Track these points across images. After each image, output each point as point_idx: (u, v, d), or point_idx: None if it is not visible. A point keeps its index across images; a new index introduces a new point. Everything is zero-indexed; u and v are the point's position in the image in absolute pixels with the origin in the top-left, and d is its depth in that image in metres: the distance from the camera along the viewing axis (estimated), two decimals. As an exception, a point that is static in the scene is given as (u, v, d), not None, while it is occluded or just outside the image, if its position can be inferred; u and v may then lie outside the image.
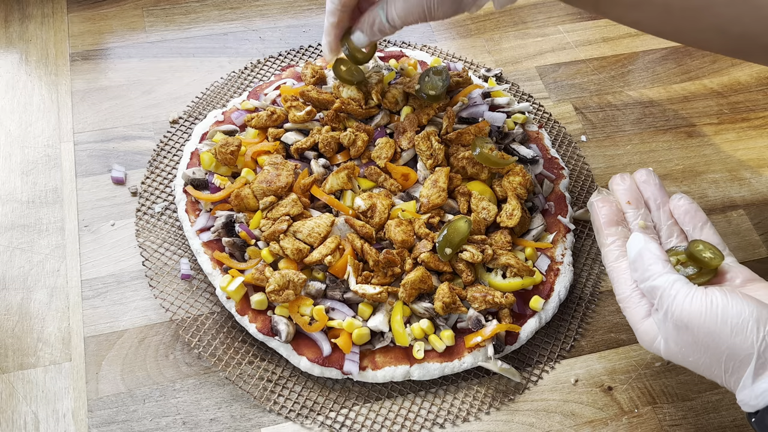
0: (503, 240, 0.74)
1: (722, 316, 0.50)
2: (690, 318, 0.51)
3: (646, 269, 0.55)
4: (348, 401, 0.68)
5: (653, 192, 0.64)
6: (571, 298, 0.76)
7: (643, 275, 0.55)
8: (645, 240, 0.56)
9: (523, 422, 0.68)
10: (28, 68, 0.90)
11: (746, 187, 0.87)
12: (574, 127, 0.91)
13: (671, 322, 0.52)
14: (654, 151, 0.90)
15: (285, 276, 0.68)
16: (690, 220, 0.62)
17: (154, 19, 0.97)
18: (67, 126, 0.85)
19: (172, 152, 0.84)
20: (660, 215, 0.63)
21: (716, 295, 0.51)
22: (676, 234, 0.63)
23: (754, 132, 0.93)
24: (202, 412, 0.66)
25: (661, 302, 0.53)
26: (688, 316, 0.51)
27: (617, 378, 0.71)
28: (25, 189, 0.80)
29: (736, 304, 0.50)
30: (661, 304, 0.53)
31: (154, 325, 0.71)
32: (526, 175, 0.78)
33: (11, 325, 0.70)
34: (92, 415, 0.66)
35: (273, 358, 0.70)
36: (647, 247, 0.55)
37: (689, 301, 0.51)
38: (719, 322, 0.50)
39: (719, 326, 0.50)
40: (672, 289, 0.52)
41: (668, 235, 0.63)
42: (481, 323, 0.69)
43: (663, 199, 0.64)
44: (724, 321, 0.49)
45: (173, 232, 0.77)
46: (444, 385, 0.70)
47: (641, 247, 0.56)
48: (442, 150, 0.78)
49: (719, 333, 0.50)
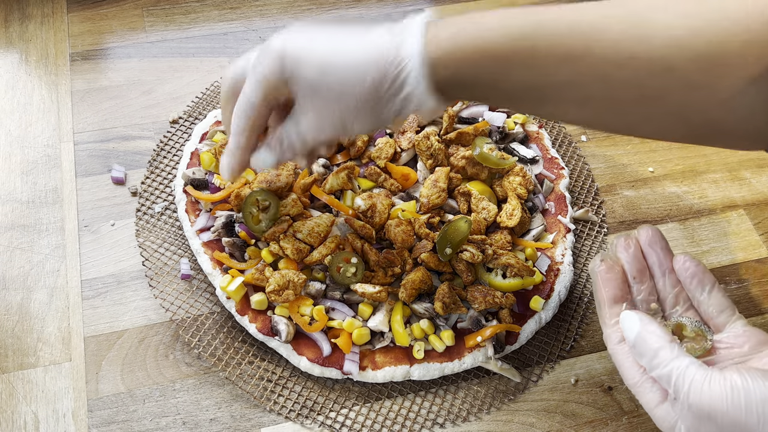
0: (503, 240, 0.74)
1: (746, 404, 0.46)
2: (711, 408, 0.47)
3: (654, 356, 0.50)
4: (348, 401, 0.68)
5: (659, 257, 0.58)
6: (571, 298, 0.76)
7: (652, 362, 0.50)
8: (641, 320, 0.52)
9: (523, 422, 0.68)
10: (28, 68, 0.90)
11: (746, 187, 0.87)
12: (574, 127, 0.91)
13: (691, 412, 0.48)
14: (654, 151, 0.90)
15: (285, 276, 0.68)
16: (697, 285, 0.57)
17: (154, 19, 0.97)
18: (67, 126, 0.85)
19: (172, 152, 0.84)
20: (665, 282, 0.58)
21: (735, 378, 0.47)
22: (682, 301, 0.58)
23: (754, 132, 0.93)
24: (202, 412, 0.66)
25: (677, 390, 0.49)
26: (709, 406, 0.47)
27: (617, 378, 0.71)
28: (25, 189, 0.80)
29: (757, 388, 0.46)
30: (678, 392, 0.49)
31: (154, 325, 0.71)
32: (526, 175, 0.78)
33: (11, 325, 0.70)
34: (92, 415, 0.66)
35: (273, 358, 0.70)
36: (647, 329, 0.51)
37: (708, 389, 0.47)
38: (744, 412, 0.46)
39: (744, 416, 0.46)
40: (686, 376, 0.48)
41: (673, 304, 0.58)
42: (481, 323, 0.69)
43: (668, 264, 0.58)
44: (749, 410, 0.46)
45: (173, 232, 0.77)
46: (444, 385, 0.70)
47: (639, 329, 0.51)
48: (442, 150, 0.78)
49: (745, 423, 0.46)
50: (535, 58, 0.47)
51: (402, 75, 0.50)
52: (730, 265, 0.80)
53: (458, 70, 0.49)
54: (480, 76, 0.49)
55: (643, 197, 0.85)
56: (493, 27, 0.48)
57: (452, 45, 0.49)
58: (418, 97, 0.50)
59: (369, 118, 0.53)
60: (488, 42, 0.48)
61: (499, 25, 0.48)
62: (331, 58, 0.51)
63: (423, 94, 0.50)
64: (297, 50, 0.51)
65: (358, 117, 0.53)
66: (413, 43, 0.49)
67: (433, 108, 0.51)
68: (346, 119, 0.53)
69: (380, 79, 0.50)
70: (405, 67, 0.49)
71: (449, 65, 0.49)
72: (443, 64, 0.49)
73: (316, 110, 0.53)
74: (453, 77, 0.49)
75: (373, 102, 0.51)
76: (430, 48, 0.49)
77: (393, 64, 0.49)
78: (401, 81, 0.50)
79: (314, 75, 0.51)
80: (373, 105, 0.51)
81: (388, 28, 0.51)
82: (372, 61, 0.50)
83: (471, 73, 0.49)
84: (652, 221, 0.83)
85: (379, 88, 0.50)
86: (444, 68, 0.49)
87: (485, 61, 0.48)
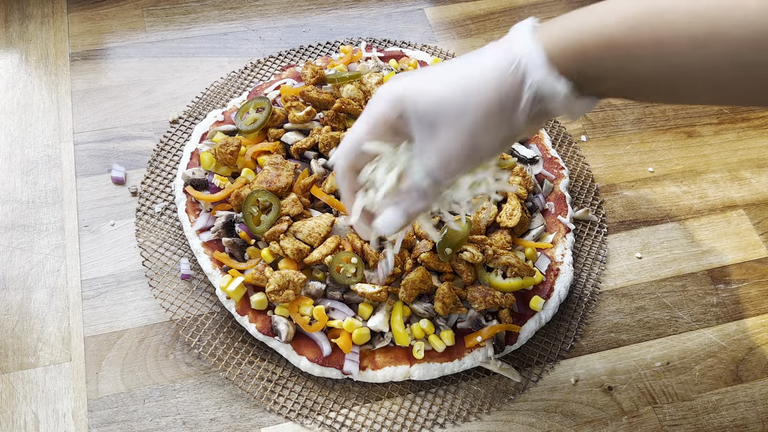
0: (503, 240, 0.74)
1: None
2: None
3: None
4: (348, 401, 0.68)
5: None
6: (571, 298, 0.76)
7: None
8: None
9: (523, 422, 0.68)
10: (28, 68, 0.90)
11: (746, 187, 0.87)
12: (574, 127, 0.91)
13: None
14: (654, 151, 0.90)
15: (285, 276, 0.68)
16: None
17: (154, 19, 0.97)
18: (67, 126, 0.85)
19: (172, 152, 0.84)
20: None
21: None
22: None
23: (754, 132, 0.93)
24: (202, 412, 0.66)
25: None
26: None
27: (617, 378, 0.71)
28: (25, 189, 0.80)
29: None
30: None
31: (154, 325, 0.71)
32: (526, 175, 0.78)
33: (11, 325, 0.70)
34: (92, 415, 0.66)
35: (273, 358, 0.70)
36: None
37: None
38: None
39: None
40: None
41: None
42: (481, 323, 0.69)
43: None
44: None
45: (173, 232, 0.77)
46: (444, 385, 0.70)
47: None
48: (442, 150, 0.77)
49: None
50: (661, 44, 0.44)
51: (522, 64, 0.45)
52: (730, 265, 0.80)
53: (581, 61, 0.45)
54: (606, 67, 0.45)
55: (643, 197, 0.85)
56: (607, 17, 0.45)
57: (567, 39, 0.45)
58: (545, 83, 0.45)
59: (498, 128, 0.47)
60: (606, 33, 0.44)
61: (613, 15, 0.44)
62: (445, 83, 0.48)
63: (550, 79, 0.45)
64: (408, 87, 0.49)
65: (487, 130, 0.47)
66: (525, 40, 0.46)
67: (566, 95, 0.46)
68: (474, 136, 0.47)
69: (500, 80, 0.46)
70: (521, 60, 0.45)
71: (568, 60, 0.45)
72: (562, 60, 0.45)
73: (438, 140, 0.48)
74: (578, 68, 0.45)
75: (498, 107, 0.47)
76: (545, 43, 0.45)
77: (509, 61, 0.46)
78: (523, 71, 0.45)
79: (430, 104, 0.48)
80: (499, 110, 0.47)
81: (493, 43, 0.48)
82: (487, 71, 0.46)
83: (594, 65, 0.45)
84: (652, 221, 0.83)
85: (500, 90, 0.46)
86: (564, 63, 0.45)
87: (607, 52, 0.44)
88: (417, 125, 0.49)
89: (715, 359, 0.73)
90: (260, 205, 0.72)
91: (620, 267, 0.79)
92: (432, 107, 0.48)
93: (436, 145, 0.48)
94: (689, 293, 0.78)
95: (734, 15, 0.42)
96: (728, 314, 0.77)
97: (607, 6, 0.46)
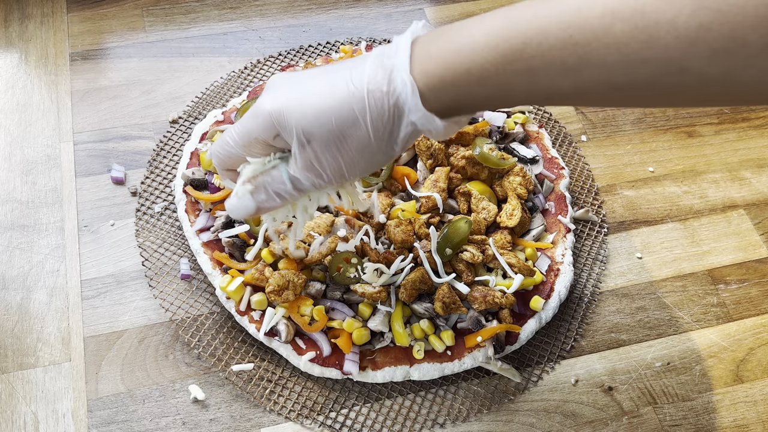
0: (503, 240, 0.74)
1: None
2: None
3: None
4: (348, 401, 0.68)
5: None
6: (571, 298, 0.76)
7: None
8: None
9: (523, 422, 0.68)
10: (28, 68, 0.90)
11: (746, 187, 0.87)
12: (574, 127, 0.91)
13: None
14: (654, 151, 0.90)
15: (285, 276, 0.67)
16: None
17: (153, 18, 0.97)
18: (67, 126, 0.85)
19: (171, 152, 0.83)
20: None
21: None
22: None
23: (754, 132, 0.93)
24: (202, 412, 0.66)
25: None
26: None
27: (617, 378, 0.71)
28: (25, 189, 0.79)
29: None
30: None
31: (154, 325, 0.71)
32: (526, 175, 0.78)
33: (11, 325, 0.70)
34: (92, 415, 0.66)
35: (273, 358, 0.70)
36: None
37: None
38: None
39: None
40: None
41: None
42: (481, 323, 0.69)
43: None
44: None
45: (173, 232, 0.77)
46: (444, 385, 0.69)
47: None
48: (442, 150, 0.77)
49: None
50: (534, 74, 0.44)
51: (399, 105, 0.47)
52: (730, 265, 0.80)
53: (454, 95, 0.47)
54: (477, 98, 0.47)
55: (643, 197, 0.85)
56: (479, 46, 0.45)
57: (442, 72, 0.46)
58: (423, 123, 0.48)
59: (373, 155, 0.50)
60: (478, 64, 0.45)
61: (486, 43, 0.45)
62: (317, 104, 0.48)
63: (427, 118, 0.47)
64: (286, 106, 0.49)
65: (361, 156, 0.49)
66: (403, 73, 0.46)
67: (442, 129, 0.48)
68: (346, 160, 0.50)
69: (378, 115, 0.48)
70: (399, 97, 0.47)
71: (442, 94, 0.47)
72: (436, 94, 0.47)
73: (311, 156, 0.50)
74: (450, 102, 0.47)
75: (377, 138, 0.48)
76: (419, 77, 0.46)
77: (387, 95, 0.47)
78: (400, 111, 0.47)
79: (307, 126, 0.48)
80: (378, 141, 0.49)
81: (377, 56, 0.48)
82: (365, 98, 0.47)
83: (469, 94, 0.46)
84: (652, 221, 0.83)
85: (379, 123, 0.48)
86: (437, 97, 0.47)
87: (480, 84, 0.46)
88: (292, 140, 0.50)
89: (715, 359, 0.73)
90: None
91: (620, 267, 0.79)
92: (308, 129, 0.49)
93: (307, 160, 0.50)
94: (689, 293, 0.78)
95: (605, 40, 0.42)
96: (728, 314, 0.77)
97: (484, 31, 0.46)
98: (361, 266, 0.69)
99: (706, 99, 0.45)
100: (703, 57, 0.40)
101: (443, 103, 0.47)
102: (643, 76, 0.42)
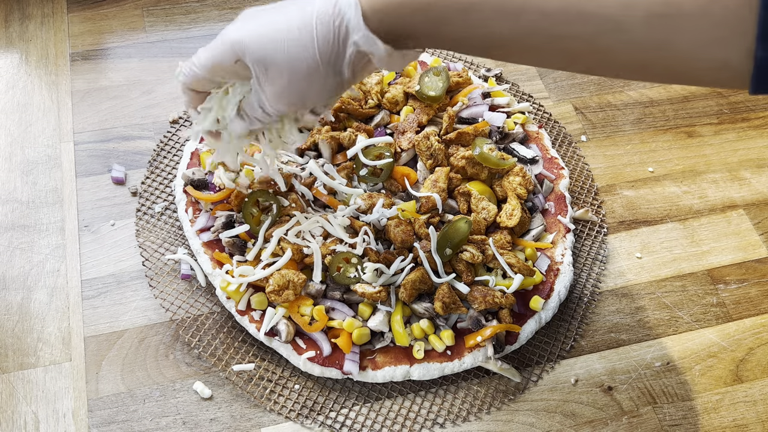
0: (503, 240, 0.74)
1: None
2: None
3: None
4: (348, 401, 0.68)
5: None
6: (571, 298, 0.76)
7: None
8: None
9: (523, 422, 0.68)
10: (28, 68, 0.90)
11: (746, 187, 0.87)
12: (574, 127, 0.91)
13: None
14: (654, 151, 0.90)
15: (285, 276, 0.68)
16: None
17: (154, 19, 0.97)
18: (67, 126, 0.85)
19: (172, 152, 0.84)
20: None
21: None
22: None
23: (754, 132, 0.93)
24: (202, 412, 0.66)
25: None
26: None
27: (617, 378, 0.71)
28: (25, 189, 0.80)
29: None
30: None
31: (154, 325, 0.71)
32: (525, 175, 0.78)
33: (11, 325, 0.70)
34: (92, 415, 0.66)
35: (273, 358, 0.70)
36: None
37: None
38: None
39: None
40: None
41: None
42: (481, 323, 0.69)
43: None
44: None
45: (173, 232, 0.77)
46: (444, 385, 0.70)
47: None
48: (442, 150, 0.78)
49: None
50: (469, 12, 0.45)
51: (343, 24, 0.50)
52: (730, 265, 0.80)
53: (394, 21, 0.49)
54: (416, 28, 0.49)
55: (643, 197, 0.85)
56: None
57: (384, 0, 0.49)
58: (365, 43, 0.50)
59: (325, 78, 0.53)
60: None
61: None
62: (273, 31, 0.52)
63: (369, 39, 0.50)
64: (246, 35, 0.53)
65: (313, 79, 0.53)
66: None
67: (385, 55, 0.51)
68: (300, 83, 0.53)
69: (324, 35, 0.50)
70: (344, 16, 0.49)
71: (384, 17, 0.49)
72: (378, 16, 0.49)
73: (271, 83, 0.54)
74: (391, 27, 0.49)
75: (324, 61, 0.51)
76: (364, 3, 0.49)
77: (333, 16, 0.50)
78: (344, 31, 0.50)
79: (261, 51, 0.52)
80: (325, 64, 0.52)
81: None
82: (313, 21, 0.50)
83: (407, 23, 0.49)
84: (652, 221, 0.83)
85: (325, 45, 0.51)
86: (380, 20, 0.49)
87: (417, 14, 0.48)
88: (253, 67, 0.54)
89: (715, 359, 0.73)
90: (260, 206, 0.72)
91: (620, 267, 0.79)
92: (264, 55, 0.52)
93: (269, 89, 0.54)
94: (689, 293, 0.78)
95: None
96: (728, 314, 0.77)
97: None
98: (361, 266, 0.69)
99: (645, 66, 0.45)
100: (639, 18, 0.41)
101: (386, 27, 0.49)
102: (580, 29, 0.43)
